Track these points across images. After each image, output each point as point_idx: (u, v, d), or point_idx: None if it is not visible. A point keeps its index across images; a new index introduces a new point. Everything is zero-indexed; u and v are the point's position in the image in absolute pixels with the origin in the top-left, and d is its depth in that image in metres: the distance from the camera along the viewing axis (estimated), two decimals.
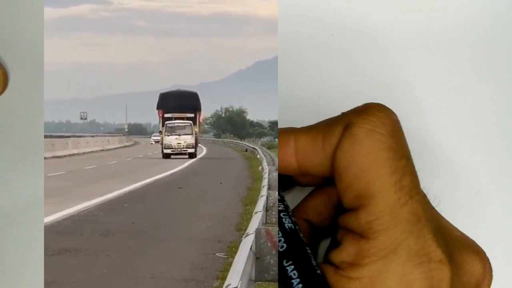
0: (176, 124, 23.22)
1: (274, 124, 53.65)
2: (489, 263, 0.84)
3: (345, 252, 0.78)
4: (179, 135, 22.64)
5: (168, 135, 22.72)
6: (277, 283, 3.40)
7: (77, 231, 5.98)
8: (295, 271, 0.75)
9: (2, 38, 1.17)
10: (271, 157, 16.44)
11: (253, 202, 7.06)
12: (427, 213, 0.78)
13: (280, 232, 0.79)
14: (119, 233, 5.97)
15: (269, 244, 3.34)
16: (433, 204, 0.83)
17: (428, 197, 0.82)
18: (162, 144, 22.95)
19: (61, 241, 5.40)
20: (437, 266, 0.75)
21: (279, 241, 0.78)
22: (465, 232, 0.87)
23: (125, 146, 33.81)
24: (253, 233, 3.42)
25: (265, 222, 5.00)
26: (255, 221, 4.39)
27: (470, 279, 0.81)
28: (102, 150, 26.34)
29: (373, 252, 0.76)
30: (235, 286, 2.37)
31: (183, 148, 22.38)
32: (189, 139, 22.64)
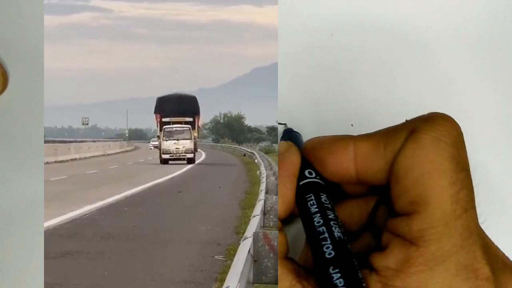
0: (174, 129, 21.90)
1: (271, 129, 53.75)
2: None
3: (392, 258, 0.75)
4: (177, 139, 21.30)
5: (166, 140, 21.37)
6: (275, 285, 3.41)
7: (79, 235, 5.98)
8: (341, 279, 0.74)
9: (2, 38, 1.12)
10: (268, 162, 16.45)
11: (251, 206, 7.05)
12: (478, 229, 0.76)
13: (329, 239, 0.77)
14: (119, 236, 5.98)
15: (266, 247, 3.34)
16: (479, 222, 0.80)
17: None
18: (160, 149, 21.67)
19: (63, 244, 5.41)
20: (484, 284, 0.74)
21: (327, 248, 0.77)
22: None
23: (126, 151, 33.91)
24: (251, 237, 3.42)
25: (263, 225, 4.99)
26: (253, 224, 4.40)
27: None
28: (103, 155, 26.40)
29: (422, 261, 0.73)
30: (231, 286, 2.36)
31: (182, 153, 21.09)
32: (188, 144, 21.34)
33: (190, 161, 20.60)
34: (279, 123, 1.03)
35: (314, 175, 0.82)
